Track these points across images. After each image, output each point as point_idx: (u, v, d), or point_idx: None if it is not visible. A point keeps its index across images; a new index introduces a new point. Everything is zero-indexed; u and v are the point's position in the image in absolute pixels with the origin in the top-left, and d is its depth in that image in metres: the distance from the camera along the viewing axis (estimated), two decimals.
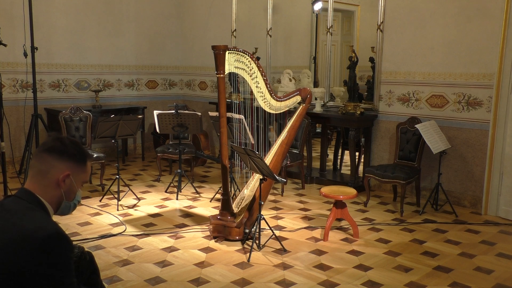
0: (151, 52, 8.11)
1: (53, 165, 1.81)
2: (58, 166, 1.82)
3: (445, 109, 5.39)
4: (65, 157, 1.84)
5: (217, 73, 4.06)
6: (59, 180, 1.82)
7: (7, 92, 6.55)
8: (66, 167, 1.83)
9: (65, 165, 1.83)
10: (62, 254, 1.67)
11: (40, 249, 1.62)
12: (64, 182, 1.84)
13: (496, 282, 3.53)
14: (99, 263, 2.40)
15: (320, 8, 7.32)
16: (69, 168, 1.84)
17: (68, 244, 1.70)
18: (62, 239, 1.68)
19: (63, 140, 1.86)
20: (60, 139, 1.86)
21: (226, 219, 4.22)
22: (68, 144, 1.85)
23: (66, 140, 1.87)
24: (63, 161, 1.83)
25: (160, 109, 6.39)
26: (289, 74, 6.70)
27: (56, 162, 1.82)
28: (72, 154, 1.85)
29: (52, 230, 1.67)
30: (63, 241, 1.68)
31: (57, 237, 1.66)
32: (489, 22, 4.95)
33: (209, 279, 3.49)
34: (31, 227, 1.66)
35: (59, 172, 1.82)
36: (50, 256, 1.64)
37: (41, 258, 1.62)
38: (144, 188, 5.95)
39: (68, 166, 1.84)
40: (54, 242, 1.65)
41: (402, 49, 5.64)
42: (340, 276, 3.57)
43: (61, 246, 1.67)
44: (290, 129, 4.56)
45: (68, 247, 1.69)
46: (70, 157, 1.85)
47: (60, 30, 7.03)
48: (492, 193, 5.06)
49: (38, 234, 1.63)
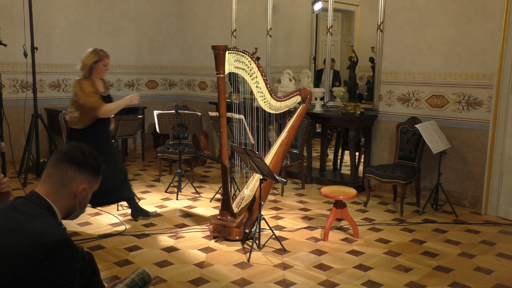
0: (151, 52, 8.11)
1: (74, 177, 1.84)
2: (78, 179, 1.85)
3: (445, 109, 5.39)
4: (85, 170, 1.86)
5: (217, 73, 4.06)
6: (77, 192, 1.86)
7: (7, 92, 6.56)
8: (84, 179, 1.87)
9: (84, 177, 1.87)
10: (67, 261, 1.66)
11: (47, 254, 1.62)
12: (81, 194, 1.87)
13: (496, 282, 3.53)
14: (99, 263, 2.40)
15: (320, 8, 7.32)
16: (87, 180, 1.88)
17: (75, 253, 1.70)
18: (69, 246, 1.68)
19: (84, 151, 1.88)
20: (81, 150, 1.87)
21: (226, 219, 4.22)
22: (88, 155, 1.88)
23: (86, 150, 1.89)
24: (82, 174, 1.86)
25: (160, 109, 6.38)
26: (289, 74, 6.70)
27: (77, 175, 1.85)
28: (92, 167, 1.88)
29: (60, 236, 1.68)
30: (70, 248, 1.68)
31: (65, 244, 1.67)
32: (489, 22, 4.95)
33: (209, 279, 3.49)
34: (40, 231, 1.67)
35: (78, 185, 1.86)
36: (56, 262, 1.63)
37: (46, 263, 1.62)
38: (144, 188, 5.95)
39: (86, 178, 1.88)
40: (61, 248, 1.65)
41: (402, 49, 5.64)
42: (340, 276, 3.57)
43: (68, 253, 1.67)
44: (290, 129, 4.56)
45: (74, 256, 1.69)
46: (89, 170, 1.88)
47: (60, 30, 7.03)
48: (492, 193, 5.06)
49: (46, 239, 1.64)
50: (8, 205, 1.80)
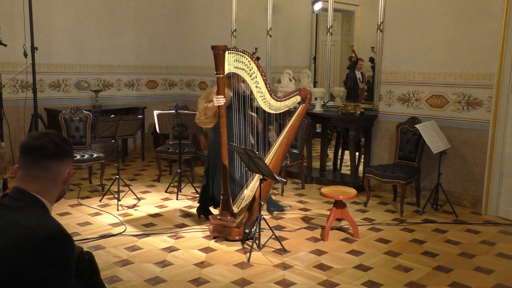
0: (151, 52, 8.11)
1: (59, 170, 1.86)
2: (63, 169, 1.87)
3: (445, 109, 5.39)
4: (65, 158, 1.88)
5: (217, 73, 4.06)
6: (65, 179, 1.89)
7: (7, 92, 6.55)
8: (67, 165, 1.90)
9: (66, 164, 1.89)
10: (63, 252, 1.68)
11: (42, 246, 1.63)
12: (68, 180, 1.92)
13: (496, 282, 3.52)
14: (99, 263, 2.40)
15: (320, 8, 7.32)
16: (69, 165, 1.91)
17: (70, 243, 1.71)
18: (64, 237, 1.69)
19: (55, 141, 1.84)
20: (51, 142, 1.83)
21: (226, 219, 4.22)
22: (61, 143, 1.86)
23: (55, 138, 1.85)
24: (65, 162, 1.88)
25: (160, 109, 6.38)
26: (289, 74, 6.70)
27: (60, 166, 1.86)
28: (68, 151, 1.89)
29: (54, 228, 1.69)
30: (64, 239, 1.69)
31: (59, 235, 1.68)
32: (489, 22, 4.95)
33: (209, 279, 3.49)
34: (32, 225, 1.67)
35: (64, 174, 1.88)
36: (51, 253, 1.64)
37: (42, 255, 1.63)
38: (144, 188, 5.94)
39: (68, 164, 1.91)
40: (56, 240, 1.66)
41: (402, 49, 5.64)
42: (340, 276, 3.57)
43: (63, 244, 1.68)
44: (290, 129, 4.56)
45: (69, 246, 1.70)
46: (67, 155, 1.89)
47: (60, 30, 7.03)
48: (492, 193, 5.06)
49: (40, 232, 1.65)
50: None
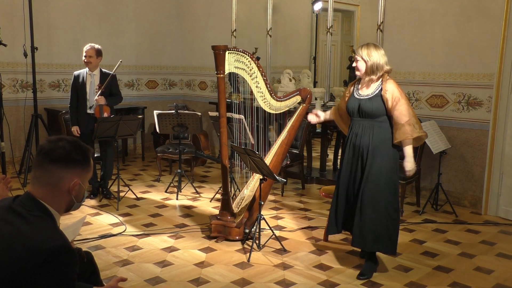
0: (151, 52, 8.11)
1: (62, 176, 1.77)
2: (67, 176, 1.77)
3: (445, 109, 5.39)
4: (71, 165, 1.78)
5: (217, 73, 4.06)
6: (69, 188, 1.79)
7: (7, 92, 6.55)
8: (73, 175, 1.79)
9: (73, 173, 1.79)
10: (66, 266, 1.64)
11: (46, 260, 1.60)
12: (74, 190, 1.81)
13: (496, 282, 3.53)
14: (99, 263, 2.40)
15: (320, 8, 7.32)
16: (77, 174, 1.80)
17: (74, 258, 1.68)
18: (68, 252, 1.65)
19: (65, 147, 1.77)
20: (62, 146, 1.77)
21: (226, 219, 4.22)
22: (70, 150, 1.78)
23: (67, 144, 1.78)
24: (70, 170, 1.78)
25: (160, 109, 6.38)
26: (289, 74, 6.70)
27: (64, 173, 1.77)
28: (77, 160, 1.79)
29: (59, 242, 1.65)
30: (69, 254, 1.66)
31: (63, 250, 1.64)
32: (489, 22, 4.95)
33: (209, 279, 3.49)
34: (39, 238, 1.64)
35: (69, 182, 1.78)
36: (55, 268, 1.62)
37: (46, 269, 1.60)
38: (144, 188, 5.94)
39: (76, 173, 1.79)
40: (60, 254, 1.63)
41: (402, 49, 5.64)
42: (340, 276, 3.57)
43: (67, 259, 1.65)
44: (290, 129, 4.56)
45: (73, 261, 1.67)
46: (76, 163, 1.79)
47: (60, 30, 7.02)
48: (492, 193, 5.06)
49: (45, 246, 1.61)
50: (6, 206, 1.76)
